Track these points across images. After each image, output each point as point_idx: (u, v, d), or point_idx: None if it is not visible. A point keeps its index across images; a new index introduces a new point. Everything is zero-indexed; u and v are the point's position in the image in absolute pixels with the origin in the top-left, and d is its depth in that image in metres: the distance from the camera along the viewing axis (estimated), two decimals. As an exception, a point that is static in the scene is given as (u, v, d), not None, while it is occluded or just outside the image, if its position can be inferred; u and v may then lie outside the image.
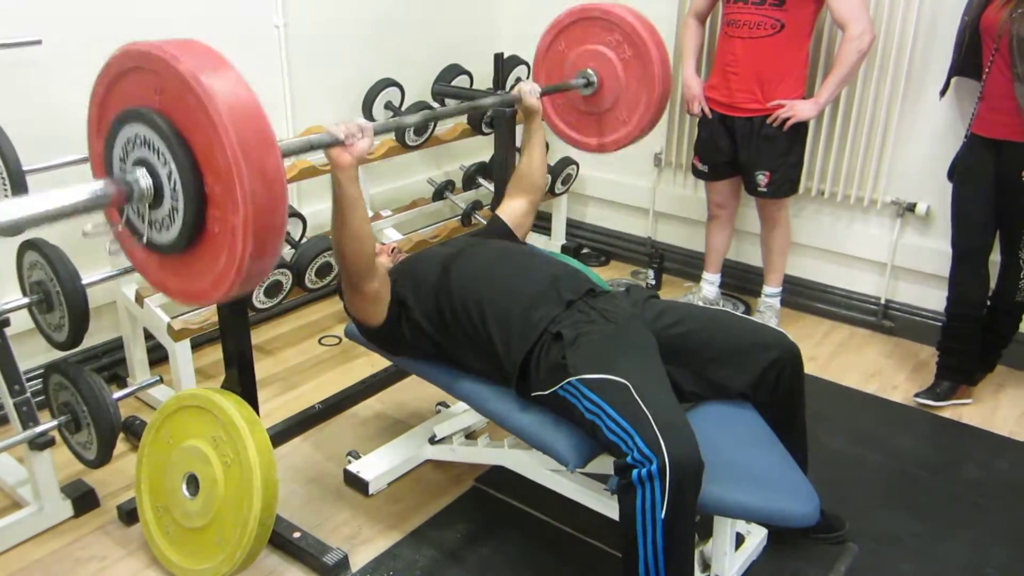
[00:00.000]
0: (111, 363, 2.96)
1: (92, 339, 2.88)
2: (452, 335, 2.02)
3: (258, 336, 3.31)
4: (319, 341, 3.33)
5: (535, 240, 4.13)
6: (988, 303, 2.86)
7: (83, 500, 2.32)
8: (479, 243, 2.22)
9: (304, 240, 2.93)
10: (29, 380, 2.23)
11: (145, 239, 1.29)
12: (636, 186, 4.01)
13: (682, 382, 1.96)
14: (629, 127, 2.46)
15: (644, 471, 1.60)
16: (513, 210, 2.40)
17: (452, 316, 2.00)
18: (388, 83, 3.43)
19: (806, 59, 3.06)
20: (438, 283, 2.03)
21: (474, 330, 1.97)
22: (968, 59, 2.73)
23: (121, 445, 2.58)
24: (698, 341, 1.98)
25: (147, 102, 1.23)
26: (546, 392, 1.85)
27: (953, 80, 2.87)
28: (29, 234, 2.07)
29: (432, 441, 2.47)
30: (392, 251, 2.29)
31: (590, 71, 2.43)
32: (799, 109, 3.00)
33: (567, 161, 3.89)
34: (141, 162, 1.25)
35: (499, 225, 2.37)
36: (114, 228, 1.42)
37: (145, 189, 1.25)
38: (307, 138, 1.71)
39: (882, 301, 3.46)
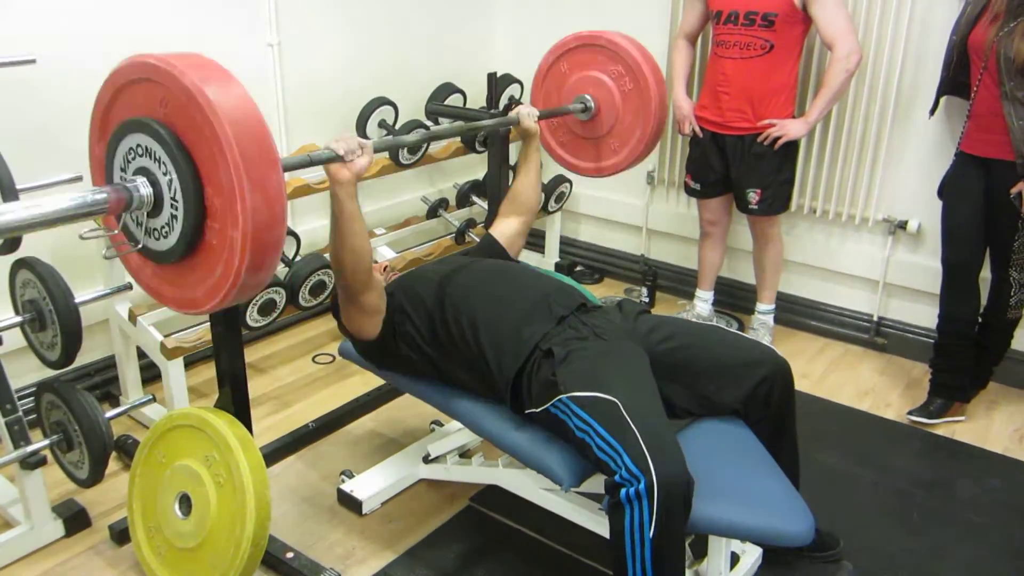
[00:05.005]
0: (104, 381, 2.95)
1: (85, 357, 2.87)
2: (446, 352, 2.02)
3: (251, 354, 3.30)
4: (313, 359, 3.33)
5: (529, 257, 4.15)
6: (980, 320, 2.87)
7: (75, 520, 2.30)
8: (473, 261, 2.23)
9: (298, 258, 2.93)
10: (21, 399, 2.22)
11: (141, 246, 1.29)
12: (629, 204, 4.03)
13: (674, 398, 1.96)
14: (619, 157, 2.48)
15: (632, 490, 1.60)
16: (505, 230, 2.41)
17: (446, 333, 2.01)
18: (382, 102, 3.45)
19: (796, 78, 3.09)
20: (432, 300, 2.04)
21: (467, 347, 1.98)
22: (957, 78, 2.76)
23: (113, 464, 2.57)
24: (689, 356, 1.98)
25: (152, 113, 1.24)
26: (538, 410, 1.86)
27: (942, 99, 2.90)
28: (22, 252, 2.07)
29: (426, 460, 2.46)
30: (385, 269, 2.30)
31: (588, 97, 2.45)
32: (789, 128, 3.03)
33: (560, 179, 3.91)
34: (142, 171, 1.26)
35: (491, 243, 2.38)
36: (111, 233, 1.43)
37: (145, 197, 1.26)
38: (307, 154, 1.72)
39: (875, 318, 3.48)
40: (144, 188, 1.25)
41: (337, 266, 1.93)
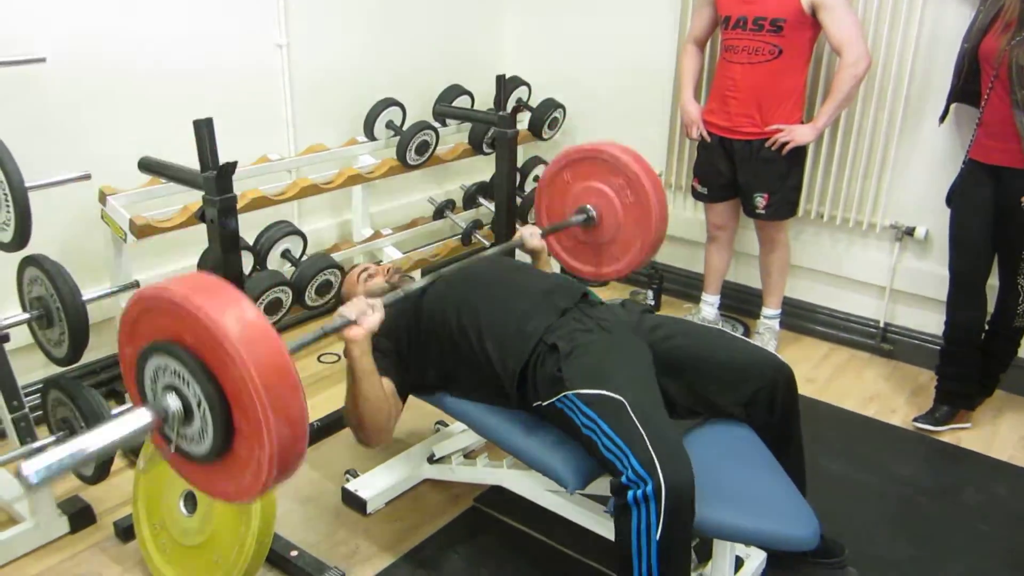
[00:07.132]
0: (110, 379, 2.95)
1: (91, 354, 2.85)
2: (451, 358, 2.04)
3: (257, 353, 3.30)
4: (318, 359, 3.33)
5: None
6: (987, 328, 2.86)
7: (80, 516, 2.31)
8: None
9: (304, 258, 2.94)
10: (27, 395, 2.23)
11: (174, 448, 1.37)
12: (636, 207, 4.02)
13: (676, 396, 1.96)
14: (619, 265, 2.54)
15: (639, 492, 1.60)
16: None
17: (449, 340, 2.02)
18: (390, 102, 3.45)
19: (804, 84, 3.08)
20: (437, 309, 2.06)
21: (471, 351, 1.99)
22: (967, 86, 2.75)
23: (119, 461, 2.58)
24: (691, 355, 1.99)
25: (177, 337, 1.30)
26: (545, 403, 1.87)
27: (952, 106, 2.89)
28: (30, 249, 2.07)
29: (431, 460, 2.46)
30: (388, 271, 2.30)
31: (590, 207, 2.48)
32: (797, 133, 3.03)
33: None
34: (171, 387, 1.33)
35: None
36: (149, 437, 1.50)
37: (177, 413, 1.33)
38: (321, 327, 1.74)
39: (881, 324, 3.47)
40: (175, 404, 1.33)
41: (357, 419, 1.91)
